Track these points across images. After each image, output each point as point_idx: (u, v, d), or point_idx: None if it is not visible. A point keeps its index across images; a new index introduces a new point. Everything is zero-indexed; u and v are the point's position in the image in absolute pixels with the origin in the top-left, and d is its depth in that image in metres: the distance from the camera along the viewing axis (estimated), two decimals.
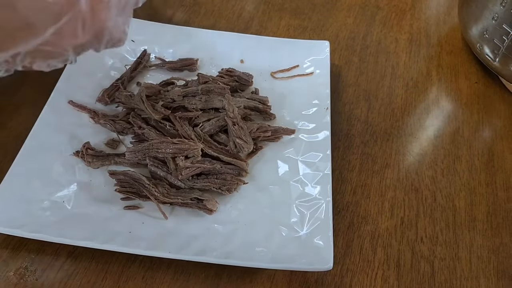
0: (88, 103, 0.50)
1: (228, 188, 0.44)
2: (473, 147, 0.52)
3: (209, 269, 0.41)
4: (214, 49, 0.55)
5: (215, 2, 0.65)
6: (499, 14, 0.51)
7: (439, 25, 0.65)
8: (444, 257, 0.43)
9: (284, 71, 0.55)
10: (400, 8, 0.67)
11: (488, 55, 0.54)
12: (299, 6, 0.66)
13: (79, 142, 0.46)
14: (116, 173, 0.44)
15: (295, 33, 0.62)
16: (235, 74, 0.52)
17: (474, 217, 0.46)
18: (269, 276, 0.41)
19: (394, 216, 0.46)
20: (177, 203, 0.43)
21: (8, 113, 0.50)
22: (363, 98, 0.55)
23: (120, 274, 0.40)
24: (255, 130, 0.47)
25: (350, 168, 0.49)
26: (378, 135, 0.52)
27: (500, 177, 0.50)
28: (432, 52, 0.61)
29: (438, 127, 0.54)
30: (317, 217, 0.42)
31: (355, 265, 0.42)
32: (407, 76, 0.58)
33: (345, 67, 0.58)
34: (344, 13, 0.66)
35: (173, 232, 0.41)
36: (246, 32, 0.61)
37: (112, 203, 0.43)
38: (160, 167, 0.44)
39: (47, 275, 0.40)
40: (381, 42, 0.62)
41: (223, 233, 0.42)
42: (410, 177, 0.49)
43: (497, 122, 0.54)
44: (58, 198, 0.42)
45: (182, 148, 0.43)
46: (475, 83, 0.58)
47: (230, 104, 0.47)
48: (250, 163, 0.47)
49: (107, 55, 0.53)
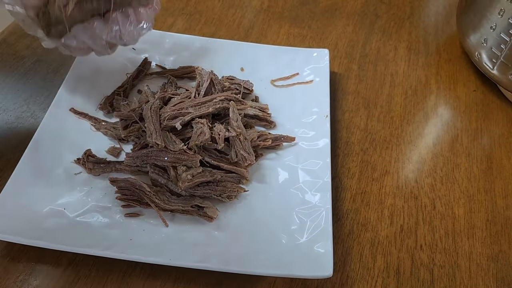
0: (89, 110, 0.50)
1: (229, 195, 0.44)
2: (472, 154, 0.52)
3: (209, 276, 0.41)
4: (214, 57, 0.56)
5: (216, 11, 0.65)
6: (497, 23, 0.52)
7: (437, 33, 0.66)
8: (444, 265, 0.44)
9: (284, 79, 0.55)
10: (399, 16, 0.68)
11: (486, 63, 0.55)
12: (298, 14, 0.66)
13: (80, 150, 0.46)
14: (117, 181, 0.44)
15: (295, 41, 0.63)
16: (235, 82, 0.53)
17: (473, 224, 0.47)
18: (269, 284, 0.41)
19: (393, 224, 0.46)
20: (177, 211, 0.43)
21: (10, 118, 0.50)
22: (362, 106, 0.56)
23: (121, 282, 0.40)
24: (256, 139, 0.47)
25: (349, 175, 0.49)
26: (377, 143, 0.52)
27: (498, 184, 0.50)
28: (431, 60, 0.62)
29: (437, 134, 0.54)
30: (317, 225, 0.42)
31: (355, 273, 0.43)
32: (406, 84, 0.59)
33: (345, 75, 0.59)
34: (343, 22, 0.66)
35: (174, 239, 0.42)
36: (246, 40, 0.61)
37: (113, 211, 0.43)
38: (161, 175, 0.44)
39: (48, 283, 0.40)
40: (380, 50, 0.63)
41: (224, 240, 0.42)
42: (410, 184, 0.49)
43: (495, 129, 0.55)
44: (59, 206, 0.43)
45: (181, 158, 0.43)
46: (474, 91, 0.59)
47: (235, 112, 0.47)
48: (250, 171, 0.47)
49: (109, 62, 0.54)
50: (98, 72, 0.53)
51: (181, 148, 0.44)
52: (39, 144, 0.45)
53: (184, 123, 0.46)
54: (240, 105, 0.49)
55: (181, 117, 0.46)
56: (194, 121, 0.46)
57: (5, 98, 0.52)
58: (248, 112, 0.50)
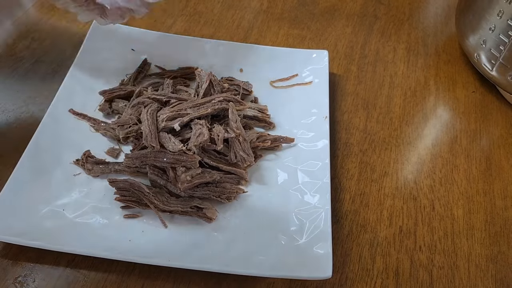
0: (89, 111, 0.50)
1: (228, 196, 0.44)
2: (471, 156, 0.52)
3: (208, 278, 0.41)
4: (213, 58, 0.56)
5: (215, 12, 0.66)
6: (496, 25, 0.52)
7: (436, 34, 0.66)
8: (443, 266, 0.44)
9: (283, 80, 0.55)
10: (398, 17, 0.68)
11: (485, 64, 0.55)
12: (298, 15, 0.66)
13: (79, 150, 0.46)
14: (116, 182, 0.44)
15: (294, 42, 0.63)
16: (234, 83, 0.53)
17: (472, 225, 0.47)
18: (268, 285, 0.41)
19: (392, 225, 0.46)
20: (176, 212, 0.43)
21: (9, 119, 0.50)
22: (361, 107, 0.56)
23: (120, 283, 0.40)
24: (255, 140, 0.47)
25: (349, 176, 0.49)
26: (376, 144, 0.52)
27: (497, 185, 0.50)
28: (430, 62, 0.62)
29: (436, 136, 0.54)
30: (316, 226, 0.42)
31: (354, 274, 0.43)
32: (405, 85, 0.59)
33: (344, 76, 0.59)
34: (342, 23, 0.66)
35: (173, 240, 0.42)
36: (245, 41, 0.61)
37: (112, 212, 0.43)
38: (160, 176, 0.44)
39: (47, 284, 0.40)
40: (379, 52, 0.63)
41: (223, 241, 0.42)
42: (409, 185, 0.49)
43: (494, 131, 0.55)
44: (58, 207, 0.42)
45: (180, 159, 0.43)
46: (473, 92, 0.59)
47: (234, 114, 0.47)
48: (250, 172, 0.47)
49: (108, 63, 0.54)
50: (97, 73, 0.53)
51: (180, 149, 0.44)
52: (38, 145, 0.45)
53: (183, 124, 0.46)
54: (239, 106, 0.49)
55: (180, 118, 0.46)
56: (193, 122, 0.46)
57: (4, 98, 0.52)
58: (247, 113, 0.50)
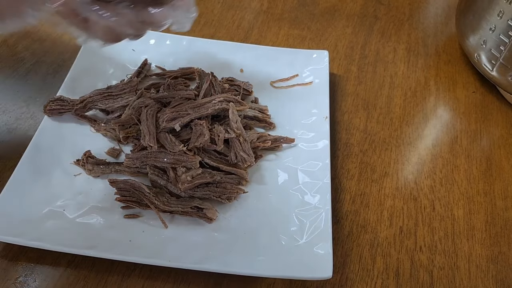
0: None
1: (228, 196, 0.44)
2: (471, 156, 0.52)
3: (209, 278, 0.41)
4: (214, 59, 0.56)
5: (215, 12, 0.66)
6: (496, 25, 0.52)
7: (436, 35, 0.66)
8: (443, 266, 0.44)
9: (283, 80, 0.55)
10: (398, 18, 0.68)
11: (486, 65, 0.55)
12: (298, 16, 0.66)
13: (80, 151, 0.46)
14: (116, 182, 0.44)
15: (294, 42, 0.63)
16: (235, 84, 0.53)
17: (473, 226, 0.47)
18: (268, 285, 0.41)
19: (393, 225, 0.46)
20: (177, 212, 0.43)
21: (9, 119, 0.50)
22: (361, 107, 0.56)
23: (120, 283, 0.40)
24: (255, 140, 0.47)
25: (349, 177, 0.49)
26: (376, 144, 0.52)
27: (498, 186, 0.50)
28: (430, 62, 0.62)
29: (436, 136, 0.54)
30: (316, 226, 0.42)
31: (355, 274, 0.43)
32: (405, 86, 0.59)
33: (344, 77, 0.59)
34: (343, 23, 0.66)
35: (173, 240, 0.41)
36: (245, 41, 0.61)
37: (112, 212, 0.43)
38: (160, 176, 0.44)
39: (47, 284, 0.40)
40: (379, 52, 0.63)
41: (223, 241, 0.42)
42: (409, 186, 0.49)
43: (495, 131, 0.55)
44: (58, 207, 0.42)
45: (180, 159, 0.43)
46: (473, 92, 0.59)
47: (234, 114, 0.47)
48: (250, 172, 0.47)
49: (108, 64, 0.54)
50: (97, 73, 0.53)
51: (180, 150, 0.44)
52: (39, 145, 0.45)
53: (184, 124, 0.46)
54: (239, 107, 0.49)
55: (180, 118, 0.46)
56: (194, 122, 0.46)
57: (4, 99, 0.52)
58: (247, 113, 0.50)
